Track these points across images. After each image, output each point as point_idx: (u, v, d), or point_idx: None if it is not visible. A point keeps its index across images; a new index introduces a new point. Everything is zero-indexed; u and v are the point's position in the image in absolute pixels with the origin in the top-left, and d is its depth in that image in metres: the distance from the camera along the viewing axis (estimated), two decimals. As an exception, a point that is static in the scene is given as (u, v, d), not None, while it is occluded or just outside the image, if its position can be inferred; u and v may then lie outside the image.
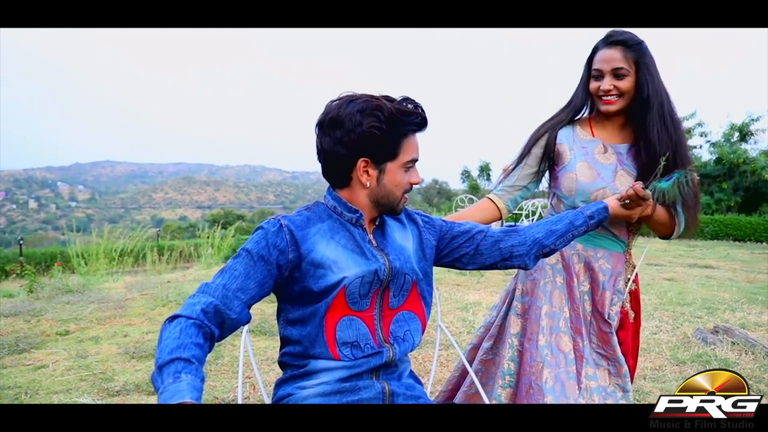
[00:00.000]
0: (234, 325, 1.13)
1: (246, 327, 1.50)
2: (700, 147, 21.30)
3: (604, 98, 1.61)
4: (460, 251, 1.44)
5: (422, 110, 1.25)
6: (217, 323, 1.09)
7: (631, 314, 1.72)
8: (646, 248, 1.48)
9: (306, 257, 1.20)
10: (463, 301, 5.32)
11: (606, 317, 1.67)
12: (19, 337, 3.92)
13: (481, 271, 7.50)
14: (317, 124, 1.25)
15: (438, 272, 7.32)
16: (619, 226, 1.70)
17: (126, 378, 3.15)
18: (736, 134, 20.30)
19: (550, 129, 1.75)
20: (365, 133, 1.18)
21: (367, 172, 1.24)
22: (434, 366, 1.81)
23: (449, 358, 3.52)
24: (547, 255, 1.50)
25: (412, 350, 1.34)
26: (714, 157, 20.24)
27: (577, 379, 1.60)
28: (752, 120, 20.02)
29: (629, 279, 1.71)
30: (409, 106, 1.23)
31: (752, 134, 20.19)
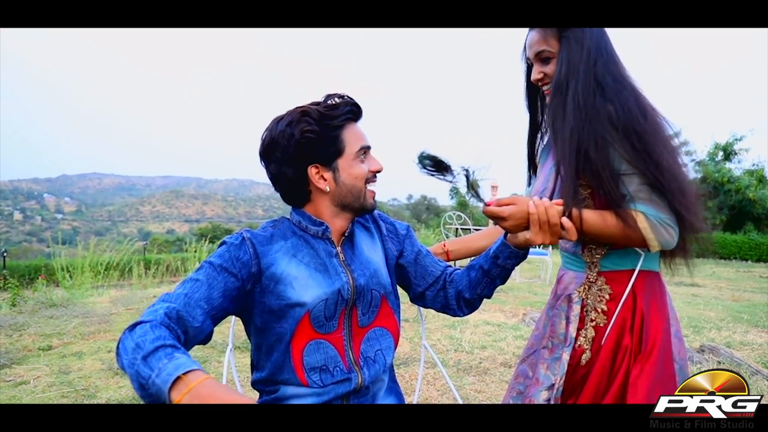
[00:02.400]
0: (196, 335, 1.07)
1: (230, 344, 1.48)
2: (685, 166, 21.55)
3: (543, 88, 1.34)
4: (413, 283, 1.42)
5: (349, 98, 1.24)
6: (181, 329, 1.03)
7: (585, 355, 1.24)
8: (634, 274, 1.24)
9: (266, 271, 1.18)
10: (451, 319, 5.31)
11: (544, 344, 1.35)
12: (0, 352, 3.85)
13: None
14: (259, 157, 1.25)
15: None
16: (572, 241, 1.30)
17: (109, 395, 3.10)
18: (721, 153, 20.67)
19: (527, 142, 1.51)
20: (301, 141, 1.18)
21: (323, 177, 1.22)
22: (419, 384, 1.80)
23: (436, 376, 3.51)
24: (476, 301, 1.40)
25: (384, 371, 1.30)
26: (699, 176, 20.45)
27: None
28: (736, 139, 20.43)
29: (593, 307, 1.27)
30: (335, 100, 1.23)
31: (736, 153, 20.59)
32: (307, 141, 1.18)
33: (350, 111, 1.22)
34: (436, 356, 1.77)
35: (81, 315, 5.14)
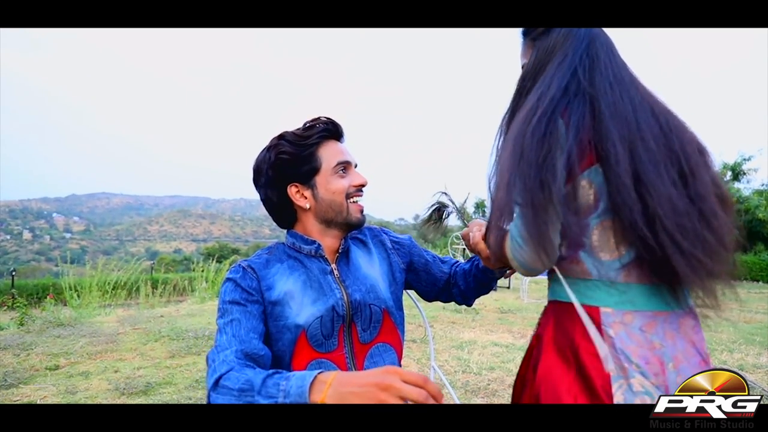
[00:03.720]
0: (266, 363, 1.09)
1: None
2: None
3: None
4: (423, 290, 1.48)
5: (327, 119, 1.28)
6: (255, 364, 1.05)
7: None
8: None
9: (266, 296, 1.19)
10: (458, 339, 5.27)
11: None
12: (7, 371, 3.85)
13: (476, 309, 7.46)
14: (254, 185, 1.33)
15: (432, 309, 7.27)
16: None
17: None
18: (729, 173, 20.61)
19: None
20: (276, 163, 1.24)
21: (303, 195, 1.26)
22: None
23: (444, 398, 3.47)
24: (469, 295, 1.46)
25: None
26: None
27: None
28: (744, 160, 20.37)
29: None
30: (311, 122, 1.28)
31: (745, 173, 20.52)
32: (282, 162, 1.24)
33: (325, 130, 1.27)
34: (445, 378, 1.75)
35: (88, 334, 5.14)
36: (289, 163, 1.24)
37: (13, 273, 14.62)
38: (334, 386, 0.85)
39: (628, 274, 0.98)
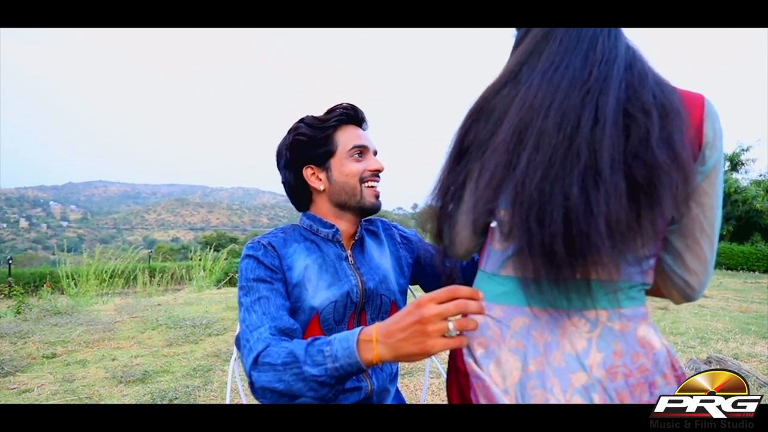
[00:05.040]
0: (298, 337, 1.09)
1: (235, 353, 1.48)
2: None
3: None
4: (428, 283, 1.46)
5: (347, 104, 1.29)
6: (290, 338, 1.06)
7: None
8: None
9: (287, 276, 1.19)
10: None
11: None
12: (4, 359, 3.85)
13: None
14: (276, 167, 1.34)
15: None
16: None
17: (113, 403, 3.09)
18: (728, 164, 20.65)
19: None
20: (293, 144, 1.26)
21: (318, 177, 1.27)
22: (423, 395, 1.79)
23: (440, 386, 3.48)
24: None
25: (390, 380, 1.31)
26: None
27: None
28: (743, 150, 20.41)
29: None
30: (332, 107, 1.29)
31: (743, 164, 20.56)
32: (298, 143, 1.26)
33: (344, 114, 1.27)
34: (441, 366, 1.75)
35: (85, 323, 5.14)
36: (306, 144, 1.26)
37: (10, 261, 14.59)
38: (381, 341, 0.85)
39: (508, 267, 0.89)
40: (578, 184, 0.75)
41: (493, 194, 0.84)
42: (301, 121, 1.28)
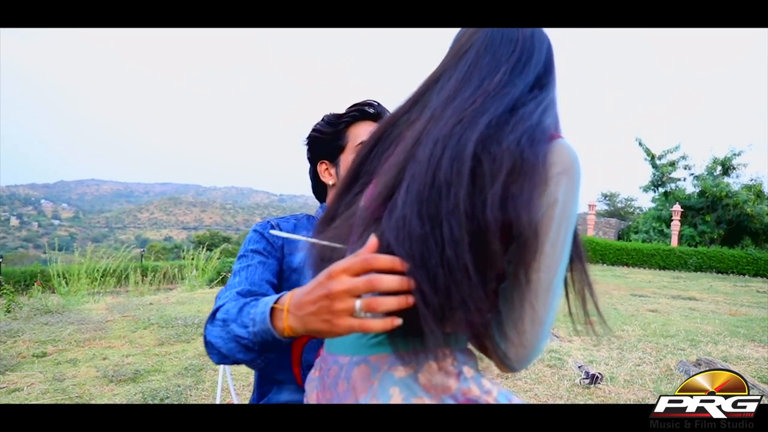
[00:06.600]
0: None
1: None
2: (684, 180, 21.82)
3: None
4: None
5: (368, 101, 1.31)
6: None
7: None
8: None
9: (288, 260, 1.21)
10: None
11: None
12: (-6, 358, 3.83)
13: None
14: None
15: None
16: None
17: (103, 402, 3.08)
18: (719, 168, 20.80)
19: None
20: (310, 140, 1.32)
21: (329, 172, 1.32)
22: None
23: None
24: None
25: None
26: (697, 190, 20.68)
27: None
28: (734, 154, 20.57)
29: None
30: (353, 104, 1.32)
31: (734, 168, 20.73)
32: (314, 139, 1.31)
33: (358, 110, 1.30)
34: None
35: (76, 322, 5.11)
36: (320, 140, 1.31)
37: (0, 260, 14.47)
38: (292, 312, 0.78)
39: None
40: (433, 228, 0.69)
41: (364, 230, 0.77)
42: (323, 118, 1.32)
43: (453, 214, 0.69)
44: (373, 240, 0.70)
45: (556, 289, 0.76)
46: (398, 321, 0.68)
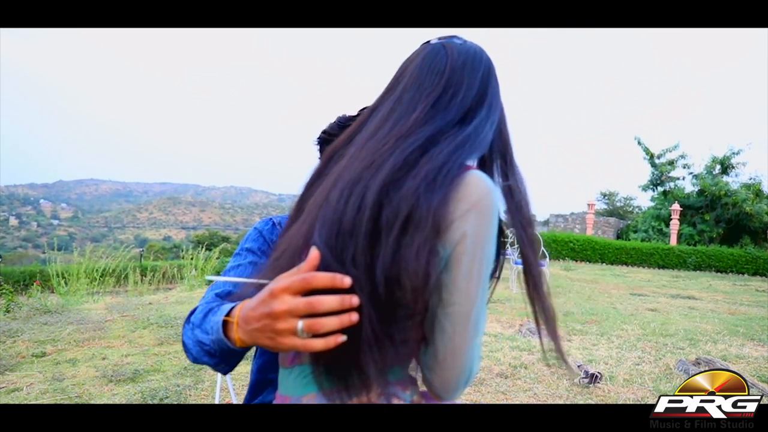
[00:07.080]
0: None
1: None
2: (683, 179, 21.85)
3: None
4: None
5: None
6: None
7: None
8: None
9: None
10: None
11: None
12: (-7, 358, 3.83)
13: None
14: None
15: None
16: None
17: (103, 402, 3.08)
18: (718, 167, 20.82)
19: None
20: (321, 140, 1.30)
21: None
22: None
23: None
24: None
25: None
26: (696, 189, 20.71)
27: None
28: (733, 153, 20.59)
29: None
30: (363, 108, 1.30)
31: (733, 167, 20.75)
32: (322, 140, 1.30)
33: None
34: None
35: (76, 321, 5.11)
36: (327, 142, 1.29)
37: (0, 259, 14.45)
38: (240, 326, 0.77)
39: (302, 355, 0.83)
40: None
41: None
42: (335, 119, 1.31)
43: (353, 265, 0.70)
44: (313, 254, 0.69)
45: (477, 319, 0.75)
46: (342, 338, 0.68)
